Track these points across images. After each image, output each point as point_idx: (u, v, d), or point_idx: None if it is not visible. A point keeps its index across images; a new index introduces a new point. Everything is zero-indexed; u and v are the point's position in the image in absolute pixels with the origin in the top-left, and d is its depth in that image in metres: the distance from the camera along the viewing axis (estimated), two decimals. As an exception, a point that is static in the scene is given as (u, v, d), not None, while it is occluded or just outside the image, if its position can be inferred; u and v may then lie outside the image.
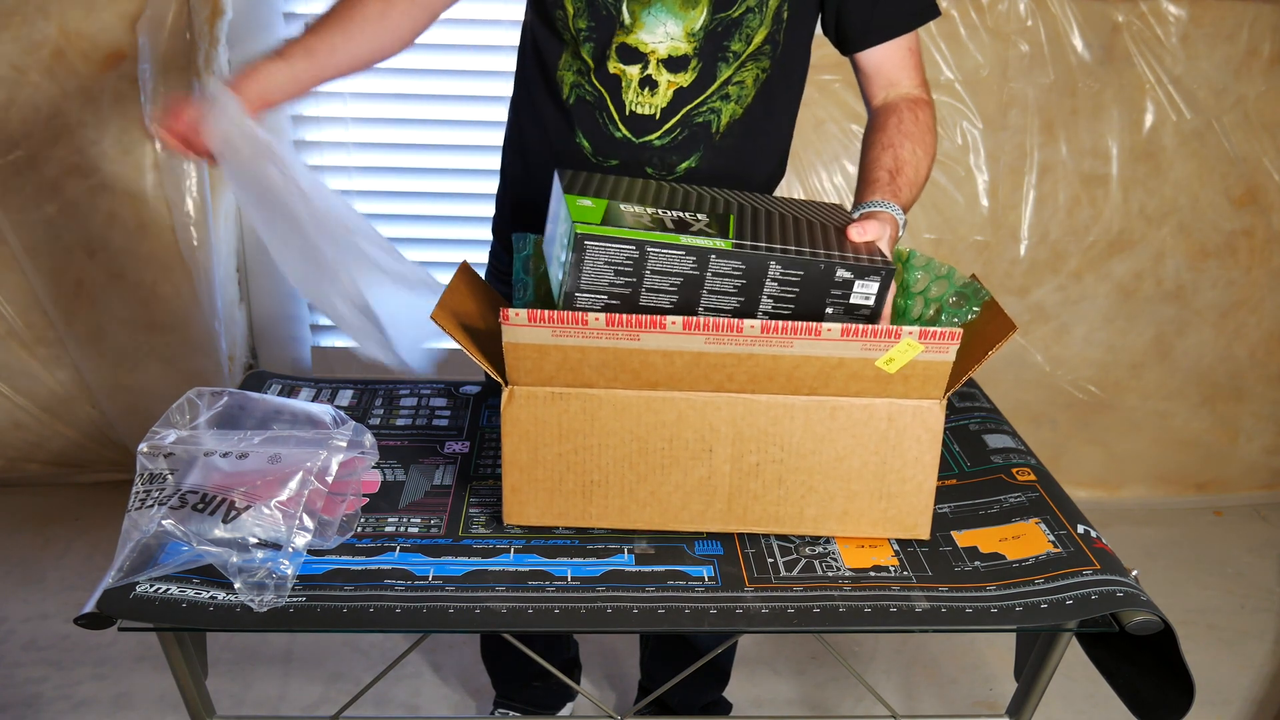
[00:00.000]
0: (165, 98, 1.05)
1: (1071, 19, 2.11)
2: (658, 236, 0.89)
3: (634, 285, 0.90)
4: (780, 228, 0.97)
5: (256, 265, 2.36)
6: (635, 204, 0.96)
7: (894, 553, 0.99)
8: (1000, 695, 1.87)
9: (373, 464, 1.06)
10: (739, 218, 0.98)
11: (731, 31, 1.16)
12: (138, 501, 0.93)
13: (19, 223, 2.16)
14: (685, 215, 0.96)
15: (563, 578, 0.94)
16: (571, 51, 1.19)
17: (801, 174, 2.19)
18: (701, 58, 1.17)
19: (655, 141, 1.21)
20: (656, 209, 0.96)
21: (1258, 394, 2.45)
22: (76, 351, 2.28)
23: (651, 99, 1.19)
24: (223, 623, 0.87)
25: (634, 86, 1.18)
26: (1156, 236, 2.28)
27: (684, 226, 0.93)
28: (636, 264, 0.89)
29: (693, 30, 1.15)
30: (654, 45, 1.16)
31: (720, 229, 0.94)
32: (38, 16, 2.03)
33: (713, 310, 0.93)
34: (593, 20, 1.16)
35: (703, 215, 0.97)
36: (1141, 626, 0.89)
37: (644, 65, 1.17)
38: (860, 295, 0.94)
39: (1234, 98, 2.18)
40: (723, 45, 1.17)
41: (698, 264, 0.90)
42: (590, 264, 0.89)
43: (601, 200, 0.95)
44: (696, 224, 0.94)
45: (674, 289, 0.91)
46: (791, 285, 0.92)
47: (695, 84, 1.18)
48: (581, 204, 0.93)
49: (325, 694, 1.85)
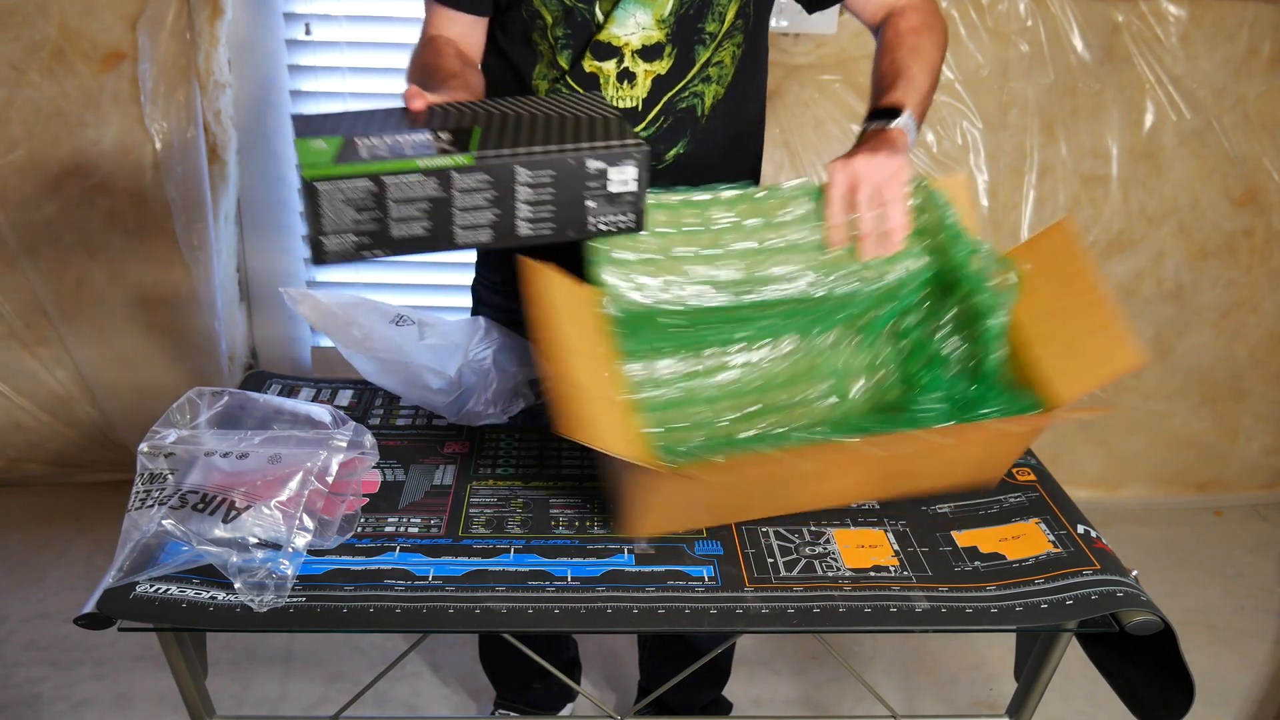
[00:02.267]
0: None
1: (1071, 19, 2.11)
2: (391, 165, 0.85)
3: (380, 220, 0.86)
4: (529, 130, 0.92)
5: (256, 265, 2.36)
6: (373, 137, 0.89)
7: (894, 553, 0.99)
8: (1000, 695, 1.87)
9: (373, 464, 1.06)
10: (485, 128, 0.92)
11: (703, 13, 1.17)
12: (138, 501, 0.93)
13: (19, 223, 2.17)
14: (426, 138, 0.89)
15: (563, 578, 0.94)
16: (547, 61, 1.20)
17: (801, 174, 2.19)
18: (675, 43, 1.17)
19: (640, 133, 1.21)
20: (395, 136, 0.89)
21: (1258, 394, 2.45)
22: (76, 351, 2.29)
23: (631, 91, 1.19)
24: (223, 623, 0.87)
25: (612, 82, 1.19)
26: (1156, 236, 2.28)
27: (421, 149, 0.87)
28: (377, 198, 0.85)
29: (662, 17, 1.16)
30: (626, 38, 1.16)
31: (461, 145, 0.88)
32: (38, 16, 2.03)
33: (469, 228, 0.89)
34: (569, 27, 1.17)
35: (444, 134, 0.90)
36: (1141, 626, 0.89)
37: (619, 59, 1.17)
38: (618, 183, 0.91)
39: (1234, 98, 2.18)
40: (696, 28, 1.17)
41: (440, 185, 0.86)
42: (328, 206, 0.84)
43: (335, 139, 0.89)
44: (437, 142, 0.88)
45: (423, 214, 0.87)
46: (545, 188, 0.89)
47: (673, 70, 1.19)
48: (314, 146, 0.86)
49: (325, 694, 1.85)
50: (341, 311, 1.18)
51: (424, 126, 0.92)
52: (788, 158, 2.18)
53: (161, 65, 2.06)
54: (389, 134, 0.90)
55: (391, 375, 1.19)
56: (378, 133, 0.90)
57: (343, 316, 1.18)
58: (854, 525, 1.04)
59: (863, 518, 1.05)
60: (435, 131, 0.91)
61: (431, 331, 1.22)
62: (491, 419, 1.20)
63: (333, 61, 2.15)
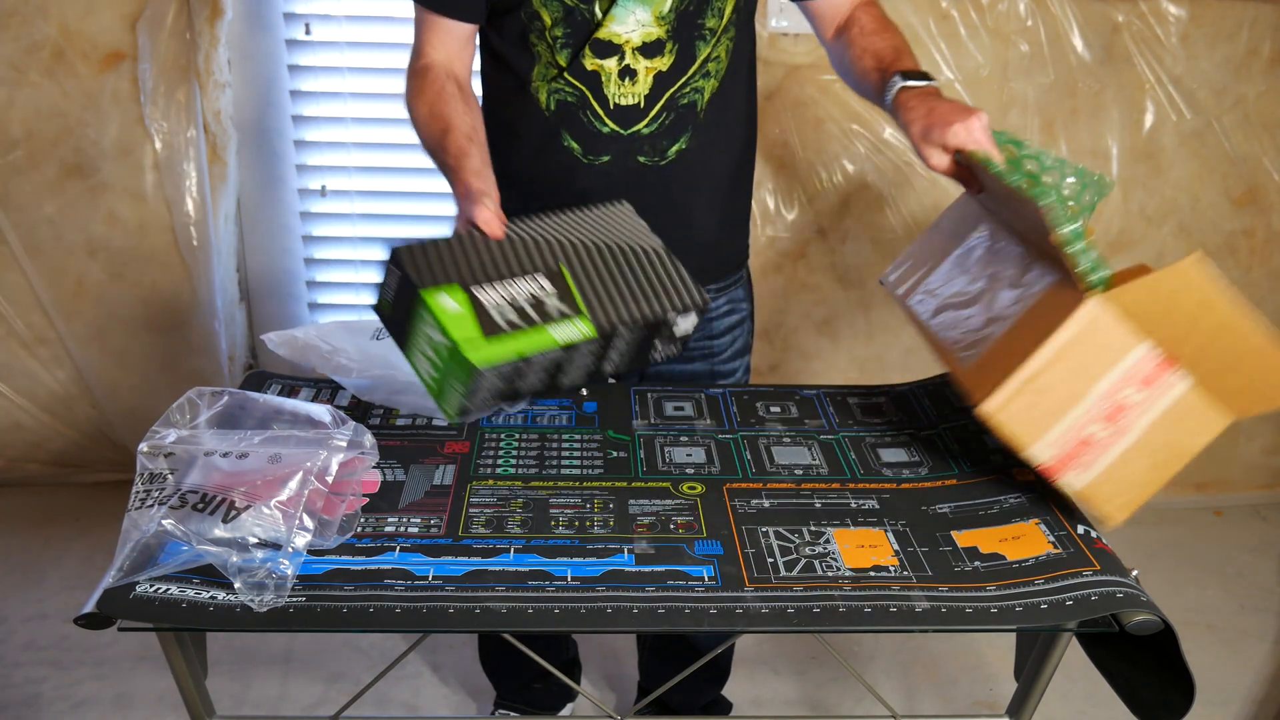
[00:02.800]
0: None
1: (1071, 19, 2.11)
2: (533, 342, 0.94)
3: (513, 382, 0.96)
4: (610, 276, 1.02)
5: (256, 265, 2.36)
6: (487, 287, 0.96)
7: (894, 552, 0.99)
8: (1000, 695, 1.87)
9: (373, 464, 1.06)
10: (571, 269, 1.01)
11: (703, 9, 1.17)
12: (138, 501, 0.93)
13: (19, 223, 2.17)
14: (533, 288, 0.98)
15: (563, 578, 0.94)
16: (545, 61, 1.20)
17: (801, 174, 2.19)
18: (676, 39, 1.18)
19: (644, 130, 1.22)
20: (508, 289, 0.97)
21: (1258, 394, 2.45)
22: (76, 351, 2.29)
23: (633, 88, 1.20)
24: (223, 623, 0.87)
25: (614, 79, 1.19)
26: (1156, 236, 2.28)
27: (540, 307, 0.97)
28: (519, 370, 0.95)
29: (662, 13, 1.16)
30: (627, 35, 1.17)
31: (568, 300, 0.98)
32: (38, 16, 2.03)
33: (572, 376, 1.01)
34: (569, 26, 1.17)
35: (545, 282, 0.99)
36: (1141, 626, 0.89)
37: (620, 57, 1.18)
38: (683, 329, 1.05)
39: (1234, 98, 2.18)
40: (696, 24, 1.18)
41: (567, 352, 0.97)
42: (483, 383, 0.93)
43: (457, 291, 0.94)
44: (548, 298, 0.97)
45: (544, 371, 0.98)
46: (633, 338, 1.02)
47: (674, 66, 1.19)
48: (449, 309, 0.93)
49: (325, 694, 1.85)
50: (322, 342, 1.20)
51: (518, 265, 0.99)
52: (788, 157, 2.18)
53: (161, 65, 2.06)
54: (498, 281, 0.97)
55: (382, 389, 1.19)
56: (485, 276, 0.97)
57: (324, 347, 1.20)
58: (854, 525, 1.04)
59: (863, 518, 1.05)
60: (533, 275, 0.99)
61: None
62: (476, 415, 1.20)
63: (333, 61, 2.15)
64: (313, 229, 2.33)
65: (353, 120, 2.21)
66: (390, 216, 2.31)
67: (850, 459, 1.17)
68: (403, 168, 2.25)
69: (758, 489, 1.10)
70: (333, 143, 2.23)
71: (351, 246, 2.33)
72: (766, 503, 1.07)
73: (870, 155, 2.19)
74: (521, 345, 0.93)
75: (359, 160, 2.25)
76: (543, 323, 0.95)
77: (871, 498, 1.09)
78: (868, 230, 2.24)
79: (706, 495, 1.09)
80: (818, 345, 2.36)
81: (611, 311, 0.99)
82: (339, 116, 2.21)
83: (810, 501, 1.08)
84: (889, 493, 1.10)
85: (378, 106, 2.20)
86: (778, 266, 2.27)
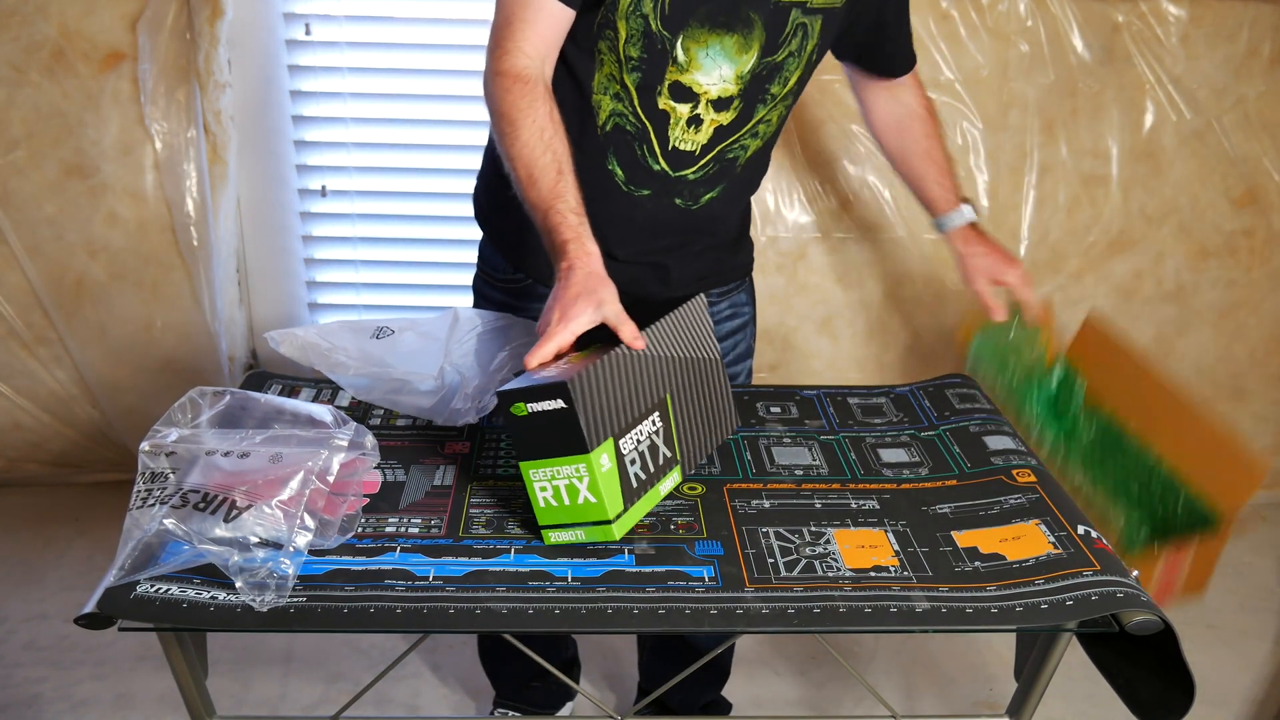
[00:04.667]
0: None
1: (1071, 19, 2.11)
2: (652, 500, 1.03)
3: None
4: (695, 399, 1.10)
5: (256, 265, 2.36)
6: (627, 437, 0.98)
7: (894, 553, 0.99)
8: (1000, 695, 1.87)
9: (374, 465, 1.06)
10: (674, 405, 1.06)
11: (774, 75, 1.18)
12: (139, 500, 0.93)
13: (19, 223, 2.17)
14: (651, 430, 1.02)
15: (563, 578, 0.94)
16: (607, 74, 1.16)
17: (801, 174, 2.19)
18: (744, 99, 1.19)
19: (690, 175, 1.23)
20: (637, 435, 1.00)
21: (1258, 394, 2.45)
22: (76, 351, 2.29)
23: (695, 136, 1.20)
24: (223, 623, 0.87)
25: (681, 124, 1.19)
26: (1156, 236, 2.28)
27: (655, 456, 1.03)
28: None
29: (742, 74, 1.16)
30: (707, 86, 1.16)
31: (669, 442, 1.05)
32: (38, 16, 2.03)
33: None
34: (645, 51, 1.13)
35: (657, 419, 1.03)
36: (1142, 626, 0.89)
37: (694, 105, 1.17)
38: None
39: (1234, 98, 2.18)
40: (764, 88, 1.19)
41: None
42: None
43: (610, 445, 0.96)
44: (660, 442, 1.03)
45: None
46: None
47: (734, 123, 1.20)
48: (604, 470, 0.95)
49: (325, 694, 1.85)
50: (323, 340, 1.20)
51: (642, 404, 1.01)
52: (787, 158, 2.18)
53: (161, 65, 2.06)
54: (632, 429, 0.99)
55: (379, 388, 1.19)
56: (625, 422, 0.98)
57: (324, 345, 1.20)
58: (854, 525, 1.04)
59: (863, 518, 1.05)
60: (651, 416, 1.02)
61: (412, 333, 1.23)
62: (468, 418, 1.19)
63: (333, 61, 2.15)
64: (313, 229, 2.32)
65: (353, 120, 2.21)
66: (390, 216, 2.31)
67: (850, 459, 1.17)
68: (403, 168, 2.25)
69: (758, 489, 1.10)
70: (333, 143, 2.23)
71: (351, 246, 2.33)
72: (767, 503, 1.07)
73: (870, 155, 2.19)
74: (645, 507, 1.02)
75: (359, 160, 2.25)
76: (658, 479, 1.03)
77: (872, 498, 1.09)
78: (868, 230, 2.24)
79: (707, 496, 1.09)
80: (818, 345, 2.36)
81: (691, 452, 1.09)
82: (339, 116, 2.21)
83: (810, 502, 1.08)
84: (889, 493, 1.10)
85: (378, 106, 2.20)
86: (778, 266, 2.27)
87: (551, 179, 1.03)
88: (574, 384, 0.90)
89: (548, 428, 0.92)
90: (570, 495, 0.95)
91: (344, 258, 2.35)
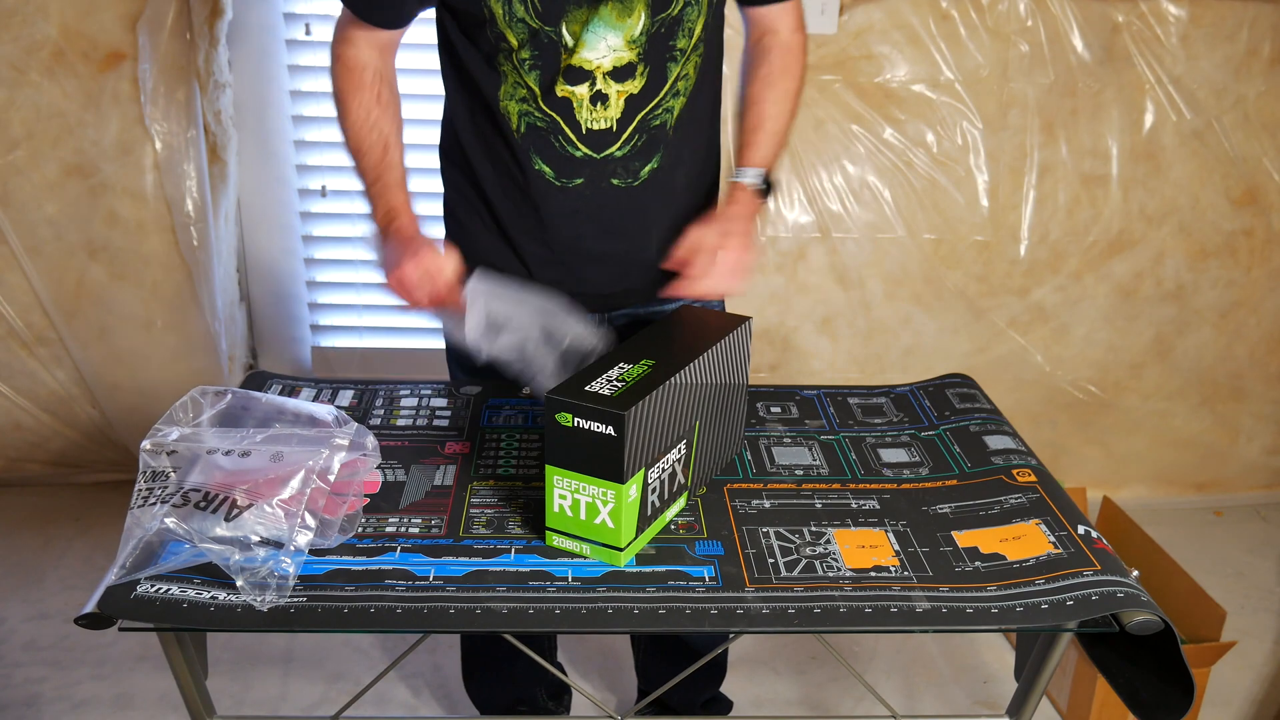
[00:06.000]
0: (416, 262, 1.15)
1: (1071, 19, 2.12)
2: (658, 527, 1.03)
3: None
4: (716, 427, 1.10)
5: (256, 265, 2.36)
6: (655, 466, 0.98)
7: (894, 553, 0.99)
8: (1000, 695, 1.87)
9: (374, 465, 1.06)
10: (700, 433, 1.06)
11: (675, 29, 1.15)
12: (140, 499, 0.93)
13: (19, 223, 2.17)
14: (675, 457, 1.02)
15: (563, 578, 0.94)
16: (513, 82, 1.18)
17: (801, 174, 2.19)
18: (648, 61, 1.16)
19: (616, 153, 1.21)
20: (664, 464, 1.00)
21: (1258, 394, 2.45)
22: (77, 351, 2.29)
23: (605, 113, 1.18)
24: (223, 623, 0.87)
25: (586, 105, 1.17)
26: (1156, 236, 2.28)
27: (672, 483, 1.03)
28: None
29: (633, 37, 1.14)
30: (598, 61, 1.15)
31: (685, 468, 1.05)
32: (38, 16, 2.03)
33: None
34: (536, 49, 1.14)
35: (683, 448, 1.03)
36: (1142, 626, 0.89)
37: (591, 83, 1.16)
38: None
39: (1234, 98, 2.18)
40: (668, 45, 1.16)
41: None
42: None
43: (641, 476, 0.96)
44: (678, 469, 1.03)
45: None
46: None
47: (646, 89, 1.18)
48: (630, 500, 0.95)
49: (325, 694, 1.85)
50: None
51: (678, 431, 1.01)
52: (787, 158, 2.18)
53: (161, 65, 2.06)
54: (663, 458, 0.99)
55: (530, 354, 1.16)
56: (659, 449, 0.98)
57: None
58: (854, 525, 1.04)
59: (863, 518, 1.05)
60: (679, 444, 1.02)
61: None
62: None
63: (333, 61, 2.15)
64: (313, 229, 2.33)
65: (353, 120, 2.21)
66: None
67: (850, 459, 1.17)
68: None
69: (758, 489, 1.10)
70: (333, 143, 2.21)
71: (351, 246, 2.33)
72: (767, 503, 1.07)
73: (870, 155, 2.19)
74: (652, 533, 1.02)
75: (359, 160, 2.24)
76: (669, 506, 1.03)
77: (872, 498, 1.09)
78: (868, 230, 2.24)
79: (707, 496, 1.09)
80: (818, 345, 2.36)
81: (700, 477, 1.09)
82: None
83: (811, 502, 1.08)
84: (889, 493, 1.10)
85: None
86: (778, 266, 2.27)
87: (377, 155, 1.21)
88: (630, 416, 0.90)
89: (588, 445, 0.92)
90: (589, 513, 0.95)
91: (344, 258, 2.35)
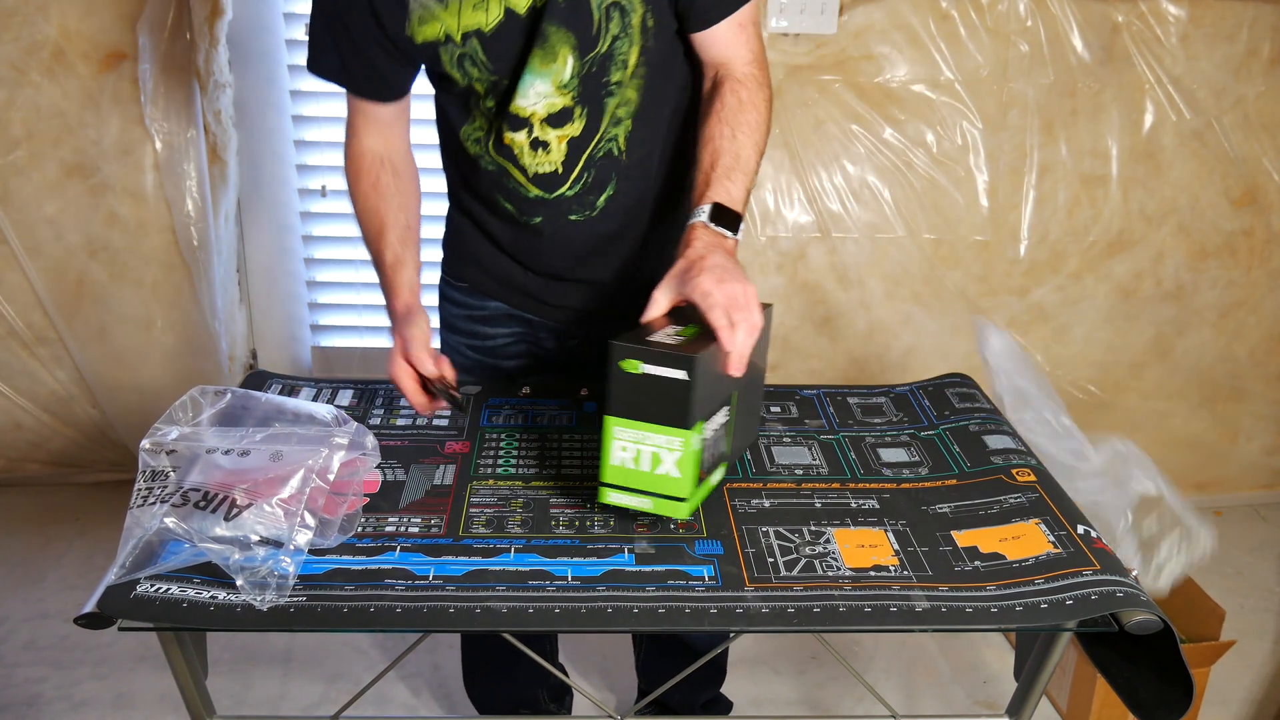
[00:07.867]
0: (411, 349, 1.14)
1: (1071, 19, 2.12)
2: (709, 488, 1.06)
3: None
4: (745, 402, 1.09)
5: (256, 265, 2.36)
6: (710, 420, 0.99)
7: (894, 552, 0.99)
8: (1000, 695, 1.87)
9: (374, 465, 1.06)
10: (738, 401, 1.07)
11: (607, 65, 1.13)
12: (140, 499, 0.93)
13: (19, 223, 2.17)
14: (722, 421, 1.03)
15: (563, 577, 0.94)
16: (477, 124, 1.20)
17: (801, 174, 2.19)
18: (583, 102, 1.15)
19: (568, 193, 1.21)
20: (714, 422, 1.01)
21: (1257, 394, 2.45)
22: (77, 351, 2.29)
23: (547, 157, 1.18)
24: (223, 622, 0.87)
25: (526, 151, 1.17)
26: (1156, 236, 2.28)
27: (717, 447, 1.03)
28: None
29: (563, 82, 1.12)
30: (531, 108, 1.14)
31: (727, 434, 1.06)
32: (38, 16, 2.03)
33: None
34: (494, 97, 1.16)
35: (727, 412, 1.04)
36: (1141, 626, 0.89)
37: (529, 130, 1.16)
38: None
39: (1234, 98, 2.18)
40: (602, 83, 1.14)
41: None
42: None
43: (701, 427, 0.97)
44: (723, 435, 1.04)
45: None
46: None
47: (586, 129, 1.17)
48: (694, 449, 0.96)
49: (325, 694, 1.85)
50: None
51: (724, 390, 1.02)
52: (787, 158, 2.18)
53: (161, 65, 2.06)
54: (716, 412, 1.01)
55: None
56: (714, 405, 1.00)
57: None
58: (854, 525, 1.04)
59: (863, 517, 1.05)
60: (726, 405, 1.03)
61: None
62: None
63: (333, 61, 2.15)
64: (313, 229, 2.32)
65: (353, 120, 2.21)
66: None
67: (850, 459, 1.17)
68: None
69: (758, 489, 1.10)
70: (333, 143, 2.23)
71: (351, 246, 2.33)
72: (767, 502, 1.07)
73: (870, 155, 2.19)
74: (703, 494, 1.04)
75: (359, 160, 2.24)
76: (713, 470, 1.04)
77: (872, 498, 1.09)
78: (867, 230, 2.24)
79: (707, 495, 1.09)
80: (818, 345, 2.36)
81: (736, 449, 1.11)
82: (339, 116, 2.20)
83: (810, 501, 1.08)
84: (889, 493, 1.10)
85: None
86: (778, 266, 2.27)
87: (372, 239, 1.27)
88: (699, 360, 0.91)
89: (654, 393, 0.92)
90: (653, 463, 0.95)
91: (344, 258, 2.35)
